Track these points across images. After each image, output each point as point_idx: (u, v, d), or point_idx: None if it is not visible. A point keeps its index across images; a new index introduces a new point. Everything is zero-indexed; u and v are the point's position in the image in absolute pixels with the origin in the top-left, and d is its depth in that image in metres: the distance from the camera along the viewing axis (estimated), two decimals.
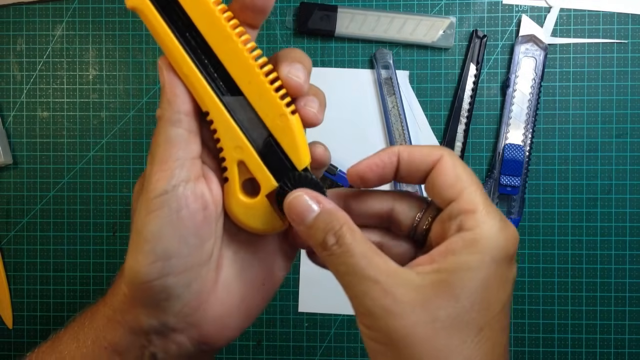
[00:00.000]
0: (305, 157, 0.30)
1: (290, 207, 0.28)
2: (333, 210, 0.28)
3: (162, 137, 0.27)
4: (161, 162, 0.27)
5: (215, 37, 0.29)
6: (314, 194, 0.28)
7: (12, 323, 0.62)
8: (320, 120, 0.30)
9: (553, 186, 0.60)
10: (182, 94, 0.28)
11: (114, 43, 0.62)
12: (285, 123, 0.30)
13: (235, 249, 0.31)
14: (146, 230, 0.27)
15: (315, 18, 0.59)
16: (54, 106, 0.62)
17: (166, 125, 0.27)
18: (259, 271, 0.32)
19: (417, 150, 0.29)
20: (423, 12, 0.60)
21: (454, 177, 0.28)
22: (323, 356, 0.61)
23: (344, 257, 0.26)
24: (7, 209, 0.62)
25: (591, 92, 0.60)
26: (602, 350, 0.60)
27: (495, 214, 0.27)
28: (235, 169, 0.31)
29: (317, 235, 0.27)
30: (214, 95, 0.29)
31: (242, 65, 0.29)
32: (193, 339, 0.30)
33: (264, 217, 0.31)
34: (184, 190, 0.27)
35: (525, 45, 0.59)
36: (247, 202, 0.31)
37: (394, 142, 0.60)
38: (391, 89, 0.60)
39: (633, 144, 0.60)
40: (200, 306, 0.29)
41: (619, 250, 0.60)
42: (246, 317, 0.32)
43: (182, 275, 0.28)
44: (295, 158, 0.30)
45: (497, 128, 0.60)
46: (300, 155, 0.30)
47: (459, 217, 0.27)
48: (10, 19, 0.62)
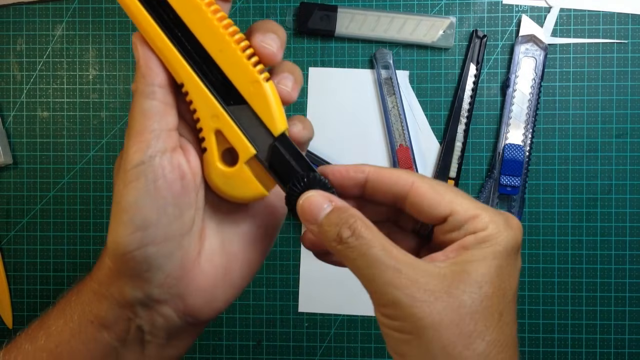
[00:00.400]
0: (281, 123, 0.30)
1: (302, 208, 0.29)
2: (345, 207, 0.28)
3: (137, 110, 0.28)
4: (137, 134, 0.27)
5: (186, 9, 0.30)
6: (325, 194, 0.29)
7: (12, 323, 0.62)
8: (294, 97, 0.30)
9: (553, 186, 0.60)
10: (156, 67, 0.28)
11: (114, 43, 0.62)
12: (259, 90, 0.30)
13: (218, 220, 0.31)
14: (124, 201, 0.27)
15: (315, 18, 0.59)
16: (54, 106, 0.62)
17: (141, 98, 0.28)
18: (244, 243, 0.32)
19: (386, 173, 0.30)
20: (423, 12, 0.60)
21: (437, 195, 0.28)
22: (323, 356, 0.61)
23: (363, 248, 0.27)
24: (7, 209, 0.62)
25: (591, 92, 0.60)
26: (602, 350, 0.60)
27: (495, 212, 0.28)
28: (213, 138, 0.31)
29: (331, 231, 0.27)
30: (188, 66, 0.30)
31: (214, 34, 0.30)
32: (179, 310, 0.30)
33: (244, 185, 0.32)
34: (161, 161, 0.27)
35: (525, 45, 0.59)
36: (226, 170, 0.31)
37: (394, 142, 0.60)
38: (391, 89, 0.60)
39: (633, 144, 0.60)
40: (184, 277, 0.29)
41: (619, 250, 0.60)
42: (231, 289, 0.32)
43: (162, 244, 0.28)
44: (271, 124, 0.30)
45: (497, 128, 0.60)
46: (275, 121, 0.30)
47: (463, 227, 0.28)
48: (10, 19, 0.62)
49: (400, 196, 0.30)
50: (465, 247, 0.27)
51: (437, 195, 0.28)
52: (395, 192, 0.30)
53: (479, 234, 0.27)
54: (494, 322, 0.26)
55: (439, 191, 0.29)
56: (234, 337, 0.62)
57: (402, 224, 0.32)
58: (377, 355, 0.61)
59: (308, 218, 0.29)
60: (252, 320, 0.62)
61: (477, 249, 0.27)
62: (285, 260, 0.61)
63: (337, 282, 0.60)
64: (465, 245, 0.27)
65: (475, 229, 0.27)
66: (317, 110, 0.61)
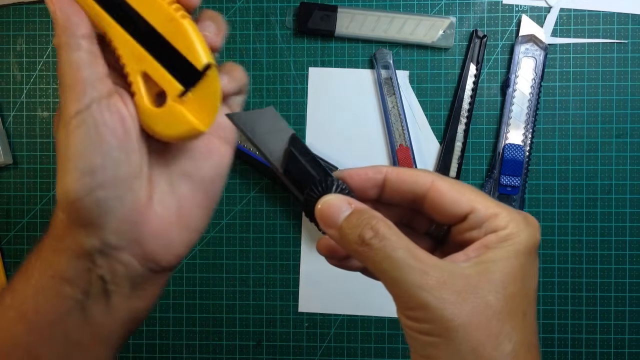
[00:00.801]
0: (202, 56, 0.30)
1: (321, 213, 0.29)
2: (365, 208, 0.28)
3: (65, 63, 0.28)
4: (71, 86, 0.28)
5: None
6: (344, 197, 0.29)
7: None
8: (219, 43, 0.30)
9: (553, 186, 0.60)
10: (76, 18, 0.28)
11: None
12: (177, 27, 0.30)
13: (164, 163, 0.31)
14: (69, 151, 0.27)
15: (315, 18, 0.59)
16: (54, 106, 0.62)
17: (67, 52, 0.28)
18: (193, 185, 0.32)
19: (405, 172, 0.30)
20: (423, 12, 0.60)
21: (457, 194, 0.28)
22: (323, 356, 0.61)
23: (387, 250, 0.26)
24: (7, 209, 0.62)
25: (591, 92, 0.60)
26: (602, 350, 0.60)
27: (514, 211, 0.28)
28: (140, 80, 0.31)
29: (352, 233, 0.27)
30: (107, 15, 0.30)
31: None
32: (138, 256, 0.30)
33: (176, 122, 0.31)
34: (99, 107, 0.28)
35: (525, 45, 0.59)
36: (156, 110, 0.31)
37: (394, 142, 0.60)
38: (391, 89, 0.60)
39: (633, 144, 0.60)
40: (138, 221, 0.29)
41: (619, 250, 0.60)
42: (187, 232, 0.32)
43: (111, 188, 0.28)
44: (193, 58, 0.30)
45: (497, 128, 0.60)
46: (196, 54, 0.30)
47: (484, 225, 0.28)
48: (10, 19, 0.62)
49: (420, 195, 0.29)
50: (486, 246, 0.27)
51: (457, 194, 0.28)
52: (414, 191, 0.30)
53: (500, 233, 0.27)
54: (519, 323, 0.26)
55: (458, 190, 0.29)
56: (234, 337, 0.62)
57: (415, 227, 0.32)
58: (377, 355, 0.61)
59: (327, 222, 0.28)
60: (252, 320, 0.62)
61: (499, 248, 0.27)
62: (285, 260, 0.61)
63: (337, 282, 0.60)
64: (487, 244, 0.27)
65: (496, 228, 0.27)
66: (317, 110, 0.61)
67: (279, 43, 0.61)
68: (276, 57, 0.61)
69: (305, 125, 0.61)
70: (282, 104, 0.61)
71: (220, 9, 0.61)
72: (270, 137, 0.30)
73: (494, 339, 0.25)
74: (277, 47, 0.61)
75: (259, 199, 0.62)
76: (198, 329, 0.62)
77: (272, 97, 0.61)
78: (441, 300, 0.25)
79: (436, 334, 0.25)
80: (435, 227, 0.32)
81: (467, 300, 0.25)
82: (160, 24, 0.31)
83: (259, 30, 0.61)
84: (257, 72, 0.61)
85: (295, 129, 0.60)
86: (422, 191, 0.29)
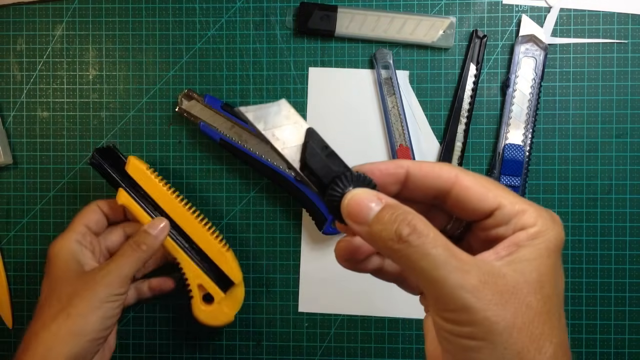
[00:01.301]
0: (238, 275, 0.56)
1: (349, 208, 0.27)
2: (397, 204, 0.26)
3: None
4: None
5: (170, 207, 0.55)
6: (372, 191, 0.27)
7: (12, 323, 0.62)
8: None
9: (553, 186, 0.60)
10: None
11: (114, 43, 0.62)
12: (223, 256, 0.55)
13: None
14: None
15: (315, 18, 0.59)
16: (54, 106, 0.62)
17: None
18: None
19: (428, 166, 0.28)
20: (423, 12, 0.60)
21: (483, 189, 0.27)
22: (323, 356, 0.61)
23: (426, 247, 0.24)
24: (7, 209, 0.62)
25: (591, 92, 0.60)
26: (602, 350, 0.60)
27: (540, 208, 0.27)
28: (197, 289, 0.55)
29: (385, 230, 0.25)
30: (177, 246, 0.54)
31: (188, 221, 0.55)
32: None
33: (220, 316, 0.56)
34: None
35: (525, 45, 0.59)
36: (207, 309, 0.56)
37: (394, 142, 0.60)
38: (391, 89, 0.60)
39: (633, 144, 0.60)
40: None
41: (619, 250, 0.60)
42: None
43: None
44: (232, 276, 0.55)
45: (497, 128, 0.60)
46: (234, 274, 0.56)
47: (512, 221, 0.26)
48: (10, 19, 0.62)
49: (444, 190, 0.28)
50: (517, 244, 0.26)
51: (483, 189, 0.27)
52: (437, 186, 0.28)
53: (530, 230, 0.26)
54: (556, 324, 0.25)
55: (484, 185, 0.27)
56: (234, 337, 0.62)
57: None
58: (377, 355, 0.61)
59: (356, 218, 0.26)
60: (252, 320, 0.62)
61: (531, 246, 0.26)
62: (285, 260, 0.61)
63: (337, 282, 0.60)
64: (518, 242, 0.26)
65: (524, 225, 0.26)
66: (317, 110, 0.61)
67: (279, 43, 0.61)
68: (276, 57, 0.61)
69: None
70: None
71: (220, 9, 0.61)
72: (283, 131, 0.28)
73: (536, 341, 0.24)
74: (277, 47, 0.61)
75: (259, 199, 0.61)
76: (198, 329, 0.62)
77: (272, 97, 0.61)
78: (484, 302, 0.24)
79: (479, 337, 0.24)
80: (453, 225, 0.30)
81: (509, 301, 0.24)
82: (212, 253, 0.55)
83: (259, 30, 0.61)
84: (257, 72, 0.61)
85: None
86: (446, 186, 0.28)
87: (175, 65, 0.62)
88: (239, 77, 0.61)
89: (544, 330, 0.24)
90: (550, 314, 0.25)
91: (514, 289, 0.24)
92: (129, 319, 0.62)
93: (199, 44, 0.62)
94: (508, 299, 0.24)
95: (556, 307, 0.25)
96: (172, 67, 0.62)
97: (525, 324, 0.24)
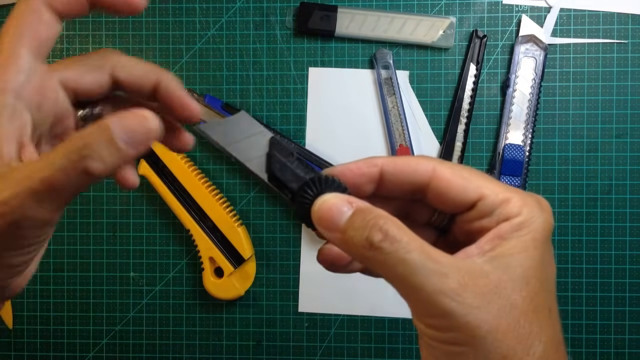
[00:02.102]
0: (248, 251, 0.58)
1: (319, 215, 0.26)
2: (369, 207, 0.25)
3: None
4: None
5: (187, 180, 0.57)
6: (342, 195, 0.26)
7: (12, 323, 0.62)
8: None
9: (553, 186, 0.60)
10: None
11: (114, 43, 0.62)
12: (234, 231, 0.57)
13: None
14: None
15: (315, 18, 0.59)
16: None
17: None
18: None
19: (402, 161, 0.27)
20: (423, 12, 0.60)
21: (463, 180, 0.26)
22: (323, 356, 0.61)
23: (400, 253, 0.23)
24: None
25: (591, 92, 0.60)
26: (602, 350, 0.60)
27: (526, 194, 0.26)
28: (208, 261, 0.58)
29: (357, 236, 0.24)
30: (192, 219, 0.57)
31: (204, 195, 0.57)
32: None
33: (229, 289, 0.58)
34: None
35: (525, 45, 0.59)
36: (217, 281, 0.58)
37: (394, 142, 0.60)
38: (391, 89, 0.60)
39: (633, 144, 0.60)
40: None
41: (619, 250, 0.60)
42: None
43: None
44: (242, 251, 0.57)
45: (497, 128, 0.60)
46: (244, 249, 0.57)
47: (495, 212, 0.25)
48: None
49: (421, 186, 0.27)
50: (501, 236, 0.24)
51: (463, 180, 0.26)
52: (414, 181, 0.27)
53: (514, 220, 0.25)
54: (546, 320, 0.24)
55: (464, 175, 0.26)
56: (234, 337, 0.62)
57: (414, 217, 0.30)
58: (377, 355, 0.61)
59: (327, 225, 0.25)
60: (252, 320, 0.62)
61: (515, 238, 0.24)
62: (285, 260, 0.61)
63: (337, 282, 0.60)
64: (501, 235, 0.24)
65: (508, 215, 0.25)
66: (317, 110, 0.61)
67: (279, 43, 0.61)
68: (276, 57, 0.61)
69: (305, 125, 0.61)
70: (282, 104, 0.61)
71: (220, 9, 0.61)
72: (247, 144, 0.27)
73: (523, 342, 0.23)
74: (277, 47, 0.61)
75: (259, 199, 0.62)
76: (198, 329, 0.62)
77: (272, 97, 0.61)
78: (465, 306, 0.22)
79: (462, 342, 0.23)
80: (437, 217, 0.29)
81: (492, 302, 0.23)
82: (225, 228, 0.57)
83: (259, 30, 0.61)
84: (257, 72, 0.61)
85: (295, 129, 0.60)
86: (423, 181, 0.26)
87: (175, 65, 0.62)
88: (239, 77, 0.61)
89: (532, 329, 0.23)
90: (537, 311, 0.24)
91: (497, 288, 0.23)
92: (129, 319, 0.62)
93: (199, 44, 0.62)
94: (490, 300, 0.23)
95: (545, 302, 0.24)
96: (172, 67, 0.62)
97: (511, 325, 0.23)
